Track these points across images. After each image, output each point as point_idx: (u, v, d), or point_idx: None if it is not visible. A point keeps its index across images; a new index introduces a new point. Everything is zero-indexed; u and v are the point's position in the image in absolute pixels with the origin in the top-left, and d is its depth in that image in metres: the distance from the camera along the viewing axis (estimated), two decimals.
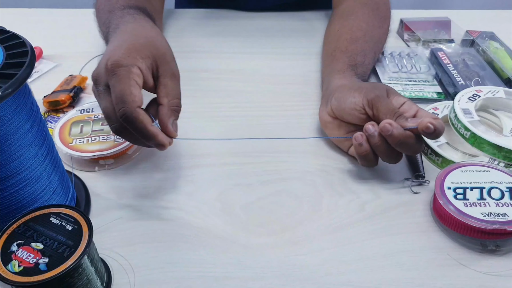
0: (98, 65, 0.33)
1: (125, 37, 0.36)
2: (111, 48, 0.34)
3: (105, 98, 0.32)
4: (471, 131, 0.40)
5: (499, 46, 0.58)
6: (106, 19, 0.46)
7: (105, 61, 0.32)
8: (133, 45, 0.33)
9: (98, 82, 0.32)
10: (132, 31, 0.37)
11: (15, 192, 0.30)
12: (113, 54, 0.32)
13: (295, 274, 0.33)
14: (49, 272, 0.26)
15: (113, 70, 0.31)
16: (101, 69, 0.32)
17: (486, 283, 0.32)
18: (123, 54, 0.32)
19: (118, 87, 0.30)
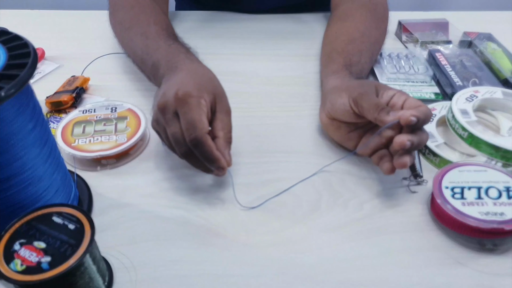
0: (164, 95, 0.36)
1: (190, 74, 0.40)
2: (177, 81, 0.38)
3: (173, 124, 0.35)
4: (468, 131, 0.41)
5: (497, 47, 0.58)
6: (143, 46, 0.47)
7: (174, 91, 0.35)
8: (199, 81, 0.38)
9: (166, 111, 0.35)
10: (195, 70, 0.41)
11: (18, 191, 0.30)
12: (182, 86, 0.36)
13: (294, 272, 0.33)
14: (51, 271, 0.26)
15: (185, 99, 0.35)
16: (170, 98, 0.35)
17: (484, 282, 0.32)
18: (193, 87, 0.36)
19: (190, 114, 0.34)
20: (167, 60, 0.44)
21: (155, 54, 0.45)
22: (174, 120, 0.35)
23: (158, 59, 0.44)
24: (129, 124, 0.44)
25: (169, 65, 0.43)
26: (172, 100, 0.35)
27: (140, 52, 0.48)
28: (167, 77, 0.41)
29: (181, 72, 0.40)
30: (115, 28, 0.54)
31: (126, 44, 0.52)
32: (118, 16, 0.53)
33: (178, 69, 0.41)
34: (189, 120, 0.34)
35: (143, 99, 0.50)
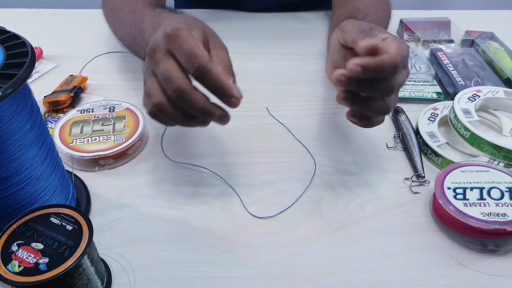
0: (154, 39, 0.31)
1: (174, 18, 0.35)
2: (164, 25, 0.33)
3: (166, 62, 0.30)
4: (470, 131, 0.40)
5: (499, 46, 0.58)
6: (130, 20, 0.46)
7: (162, 32, 0.30)
8: (185, 20, 0.33)
9: (156, 51, 0.30)
10: (179, 16, 0.37)
11: (16, 192, 0.30)
12: (169, 24, 0.31)
13: (295, 274, 0.33)
14: (49, 272, 0.26)
15: (175, 34, 0.30)
16: (159, 38, 0.30)
17: (486, 283, 0.32)
18: (180, 23, 0.31)
19: (186, 45, 0.29)
20: (152, 22, 0.40)
21: (141, 23, 0.43)
22: (166, 58, 0.30)
23: (144, 25, 0.41)
24: (127, 124, 0.43)
25: (154, 26, 0.39)
26: (161, 39, 0.30)
27: (128, 28, 0.45)
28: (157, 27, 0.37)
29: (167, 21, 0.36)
30: (108, 18, 0.53)
31: (118, 28, 0.50)
32: (109, 4, 0.52)
33: (163, 22, 0.37)
34: (187, 50, 0.29)
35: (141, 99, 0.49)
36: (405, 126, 0.45)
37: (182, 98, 0.30)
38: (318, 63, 0.58)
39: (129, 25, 0.46)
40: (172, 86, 0.29)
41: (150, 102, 0.31)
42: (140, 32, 0.43)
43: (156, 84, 0.31)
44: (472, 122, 0.41)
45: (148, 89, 0.31)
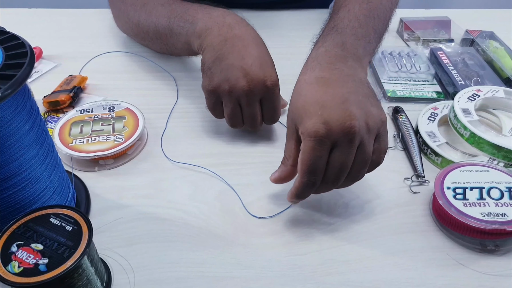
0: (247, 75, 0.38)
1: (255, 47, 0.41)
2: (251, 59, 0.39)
3: (256, 107, 0.41)
4: (470, 131, 0.40)
5: (499, 46, 0.58)
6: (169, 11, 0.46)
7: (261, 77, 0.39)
8: (270, 59, 0.41)
9: (253, 95, 0.39)
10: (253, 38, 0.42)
11: (15, 192, 0.30)
12: (267, 70, 0.40)
13: (295, 274, 0.33)
14: (49, 272, 0.26)
15: (273, 90, 0.40)
16: (259, 85, 0.39)
17: (486, 283, 0.32)
18: (273, 72, 0.40)
19: (275, 102, 0.41)
20: (205, 13, 0.43)
21: (187, 12, 0.44)
22: (257, 104, 0.40)
23: (193, 15, 0.43)
24: (127, 124, 0.43)
25: (214, 19, 0.42)
26: (261, 86, 0.39)
27: (166, 18, 0.46)
28: (223, 38, 0.40)
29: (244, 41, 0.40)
30: (126, 13, 0.52)
31: (144, 20, 0.49)
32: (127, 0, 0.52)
33: (234, 32, 0.41)
34: (274, 107, 0.41)
35: (141, 99, 0.49)
36: (405, 125, 0.45)
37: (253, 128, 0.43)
38: None
39: (167, 16, 0.46)
40: (253, 124, 0.42)
41: (231, 123, 0.42)
42: (186, 21, 0.44)
43: (240, 114, 0.41)
44: (472, 121, 0.41)
45: (232, 115, 0.41)
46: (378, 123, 0.32)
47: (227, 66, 0.39)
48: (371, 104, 0.32)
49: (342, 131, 0.30)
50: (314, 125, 0.30)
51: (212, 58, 0.40)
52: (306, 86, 0.34)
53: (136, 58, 0.56)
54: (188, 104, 0.50)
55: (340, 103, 0.31)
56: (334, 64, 0.35)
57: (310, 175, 0.31)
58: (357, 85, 0.33)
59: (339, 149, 0.31)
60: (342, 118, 0.30)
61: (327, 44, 0.37)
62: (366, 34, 0.39)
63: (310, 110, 0.31)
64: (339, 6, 0.44)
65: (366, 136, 0.31)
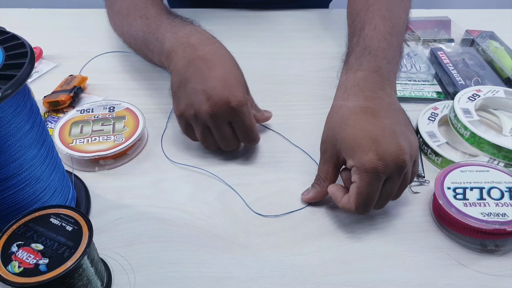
0: (210, 99, 0.37)
1: (219, 68, 0.39)
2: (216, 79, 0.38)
3: (226, 130, 0.39)
4: (470, 131, 0.40)
5: (499, 46, 0.58)
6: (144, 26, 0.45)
7: (224, 99, 0.37)
8: (237, 79, 0.39)
9: (218, 117, 0.38)
10: (219, 57, 0.40)
11: (15, 193, 0.30)
12: (231, 90, 0.37)
13: (295, 274, 0.33)
14: (49, 273, 0.26)
15: (239, 110, 0.37)
16: (223, 107, 0.37)
17: (486, 283, 0.32)
18: (241, 91, 0.38)
19: (246, 122, 0.38)
20: (172, 32, 0.42)
21: (158, 30, 0.44)
22: (226, 125, 0.38)
23: (162, 33, 0.43)
24: (127, 124, 0.43)
25: (180, 40, 0.41)
26: (226, 110, 0.37)
27: (142, 33, 0.46)
28: (187, 60, 0.39)
29: (209, 62, 0.39)
30: (114, 20, 0.53)
31: (127, 31, 0.50)
32: (115, 7, 0.52)
33: (199, 53, 0.39)
34: (246, 126, 0.39)
35: (141, 99, 0.49)
36: None
37: (230, 149, 0.41)
38: (317, 62, 0.58)
39: (142, 31, 0.46)
40: (228, 145, 0.40)
41: (205, 146, 0.42)
42: (157, 40, 0.43)
43: (211, 137, 0.40)
44: (472, 121, 0.41)
45: (203, 139, 0.40)
46: (416, 151, 0.34)
47: (191, 90, 0.38)
48: (410, 132, 0.35)
49: (396, 165, 0.32)
50: (372, 162, 0.32)
51: (177, 83, 0.39)
52: (353, 116, 0.35)
53: (136, 58, 0.56)
54: None
55: (390, 137, 0.33)
56: (376, 92, 0.36)
57: (365, 207, 0.33)
58: (398, 114, 0.35)
59: (391, 180, 0.33)
60: (395, 152, 0.32)
61: (364, 68, 0.38)
62: (394, 56, 0.41)
63: (363, 144, 0.32)
64: (362, 21, 0.43)
65: (410, 164, 0.33)
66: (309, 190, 0.38)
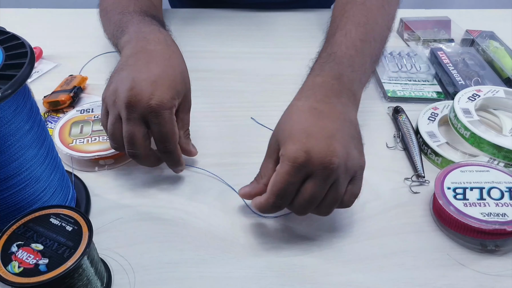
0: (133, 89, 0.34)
1: (163, 64, 0.37)
2: (150, 74, 0.35)
3: (136, 126, 0.34)
4: (470, 131, 0.40)
5: (499, 46, 0.58)
6: (117, 20, 0.45)
7: (147, 94, 0.34)
8: (172, 82, 0.36)
9: (133, 110, 0.34)
10: (167, 57, 0.38)
11: (15, 193, 0.30)
12: (156, 87, 0.34)
13: (295, 274, 0.33)
14: (49, 273, 0.26)
15: (159, 111, 0.34)
16: (142, 102, 0.34)
17: (486, 283, 0.32)
18: (169, 94, 0.35)
19: (164, 128, 0.35)
20: (137, 27, 0.41)
21: (126, 24, 0.43)
22: (138, 122, 0.34)
23: (128, 27, 0.42)
24: None
25: (138, 34, 0.40)
26: (144, 106, 0.34)
27: (113, 27, 0.45)
28: (135, 51, 0.38)
29: (152, 57, 0.37)
30: (101, 18, 0.52)
31: (106, 27, 0.49)
32: (104, 4, 0.52)
33: (148, 47, 0.38)
34: (163, 133, 0.35)
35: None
36: (405, 125, 0.45)
37: (135, 158, 0.37)
38: None
39: (115, 25, 0.45)
40: (131, 150, 0.35)
41: (112, 141, 0.36)
42: (122, 32, 0.42)
43: (120, 132, 0.35)
44: (472, 121, 0.41)
45: (111, 131, 0.36)
46: (356, 167, 0.32)
47: (122, 76, 0.36)
48: (354, 147, 0.32)
49: (321, 164, 0.30)
50: (296, 151, 0.30)
51: (116, 69, 0.37)
52: (297, 113, 0.34)
53: None
54: None
55: (326, 138, 0.31)
56: (329, 97, 0.35)
57: (277, 198, 0.31)
58: (346, 124, 0.34)
59: (313, 180, 0.31)
60: (324, 151, 0.30)
61: (324, 74, 0.37)
62: (362, 63, 0.39)
63: (296, 135, 0.31)
64: (335, 27, 0.43)
65: (342, 175, 0.31)
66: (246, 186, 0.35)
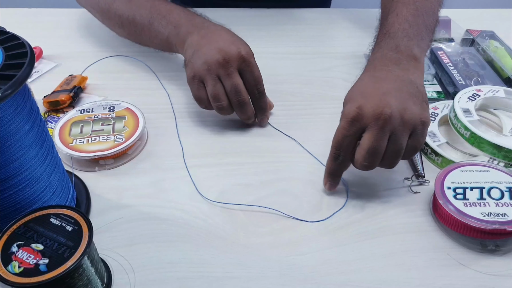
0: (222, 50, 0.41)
1: (229, 35, 0.44)
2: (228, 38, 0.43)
3: (237, 77, 0.41)
4: (471, 130, 0.40)
5: (499, 45, 0.57)
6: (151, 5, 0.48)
7: (235, 49, 0.41)
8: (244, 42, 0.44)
9: (229, 65, 0.41)
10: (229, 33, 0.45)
11: (16, 193, 0.30)
12: (239, 45, 0.42)
13: (295, 274, 0.33)
14: (49, 273, 0.26)
15: (249, 59, 0.42)
16: (233, 55, 0.41)
17: (486, 283, 0.32)
18: (248, 47, 0.43)
19: (256, 72, 0.42)
20: (189, 20, 0.46)
21: (170, 15, 0.47)
22: (236, 74, 0.41)
23: (176, 18, 0.46)
24: (127, 124, 0.43)
25: (195, 24, 0.45)
26: (236, 57, 0.41)
27: (148, 13, 0.48)
28: (201, 35, 0.43)
29: (220, 34, 0.43)
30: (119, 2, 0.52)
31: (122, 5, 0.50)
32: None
33: (212, 27, 0.44)
34: (256, 77, 0.42)
35: (141, 98, 0.49)
36: None
37: (242, 107, 0.43)
38: (318, 61, 0.58)
39: (149, 11, 0.48)
40: (239, 98, 0.42)
41: (217, 103, 0.42)
42: (169, 23, 0.46)
43: (223, 90, 0.41)
44: (472, 121, 0.41)
45: (215, 93, 0.41)
46: (415, 120, 0.34)
47: (204, 52, 0.41)
48: (413, 103, 0.34)
49: (373, 116, 0.33)
50: (349, 108, 0.34)
51: (191, 52, 0.43)
52: (358, 83, 0.38)
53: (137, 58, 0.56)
54: (189, 104, 0.50)
55: (380, 94, 0.34)
56: (388, 66, 0.38)
57: (334, 149, 0.35)
58: (405, 84, 0.36)
59: (368, 132, 0.33)
60: (376, 105, 0.33)
61: (381, 49, 0.41)
62: (417, 33, 0.42)
63: (352, 97, 0.35)
64: (387, 12, 0.46)
65: (399, 128, 0.33)
66: None
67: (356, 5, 0.72)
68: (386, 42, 0.41)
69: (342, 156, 0.35)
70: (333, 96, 0.52)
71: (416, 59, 0.39)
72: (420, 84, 0.37)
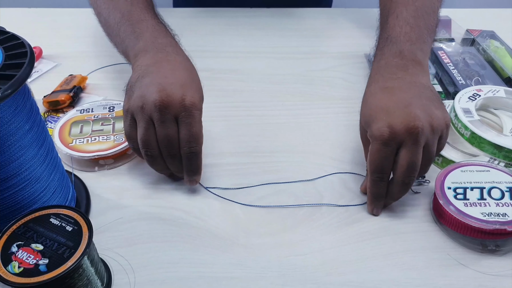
0: (164, 91, 0.35)
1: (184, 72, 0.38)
2: (178, 78, 0.36)
3: (171, 127, 0.35)
4: (471, 130, 0.40)
5: (500, 45, 0.57)
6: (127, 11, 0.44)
7: (179, 95, 0.35)
8: (198, 87, 0.37)
9: (167, 111, 0.34)
10: (187, 67, 0.39)
11: (15, 193, 0.30)
12: (187, 90, 0.35)
13: (295, 274, 0.33)
14: (49, 273, 0.26)
15: (191, 111, 0.35)
16: (175, 101, 0.34)
17: (486, 283, 0.32)
18: (198, 96, 0.36)
19: (195, 128, 0.35)
20: (154, 37, 0.41)
21: (139, 24, 0.42)
22: (173, 123, 0.35)
23: (142, 30, 0.42)
24: None
25: (156, 44, 0.40)
26: (177, 103, 0.34)
27: (120, 17, 0.44)
28: (154, 60, 0.38)
29: (175, 66, 0.38)
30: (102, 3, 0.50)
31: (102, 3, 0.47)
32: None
33: (169, 58, 0.39)
34: (193, 133, 0.35)
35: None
36: None
37: (173, 160, 0.36)
38: (318, 61, 0.58)
39: (120, 15, 0.44)
40: (171, 151, 0.35)
41: (146, 149, 0.36)
42: (133, 32, 0.42)
43: (154, 137, 0.35)
44: (472, 121, 0.41)
45: (145, 138, 0.35)
46: (442, 125, 0.34)
47: (147, 83, 0.36)
48: (435, 107, 0.34)
49: (407, 132, 0.32)
50: (380, 129, 0.33)
51: (136, 77, 0.37)
52: (372, 97, 0.37)
53: None
54: None
55: (404, 107, 0.33)
56: (396, 74, 0.37)
57: (376, 174, 0.34)
58: (420, 90, 0.36)
59: (405, 148, 0.33)
60: (406, 120, 0.32)
61: (385, 56, 0.40)
62: (419, 36, 0.41)
63: (376, 116, 0.34)
64: (386, 14, 0.45)
65: (430, 136, 0.33)
66: None
67: (357, 4, 0.72)
68: (389, 48, 0.40)
69: (385, 178, 0.35)
70: (333, 96, 0.52)
71: (421, 64, 0.39)
72: (432, 86, 0.37)
